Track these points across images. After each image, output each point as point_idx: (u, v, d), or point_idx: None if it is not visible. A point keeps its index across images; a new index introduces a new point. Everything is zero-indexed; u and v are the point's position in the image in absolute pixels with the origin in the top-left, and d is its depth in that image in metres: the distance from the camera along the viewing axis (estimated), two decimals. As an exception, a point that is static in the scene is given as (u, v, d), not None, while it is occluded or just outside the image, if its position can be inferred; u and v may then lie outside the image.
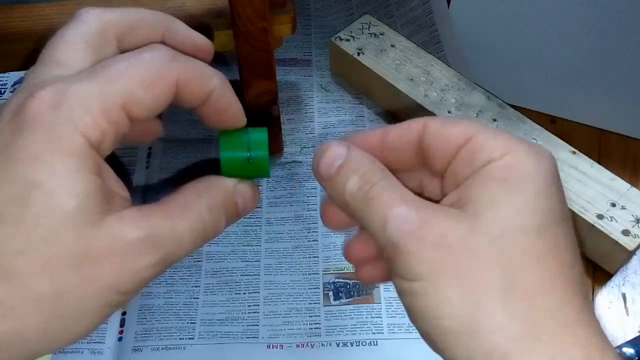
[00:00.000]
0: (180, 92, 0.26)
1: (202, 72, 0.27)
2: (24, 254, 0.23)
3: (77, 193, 0.24)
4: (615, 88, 0.59)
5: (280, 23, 0.46)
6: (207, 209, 0.27)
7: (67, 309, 0.24)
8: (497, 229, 0.24)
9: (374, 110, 0.61)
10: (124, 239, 0.24)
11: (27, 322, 0.24)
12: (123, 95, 0.25)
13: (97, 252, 0.24)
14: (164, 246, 0.25)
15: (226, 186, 0.29)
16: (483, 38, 0.63)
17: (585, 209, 0.49)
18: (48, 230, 0.23)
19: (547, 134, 0.53)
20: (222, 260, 0.52)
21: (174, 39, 0.29)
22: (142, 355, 0.47)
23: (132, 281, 0.25)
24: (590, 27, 0.58)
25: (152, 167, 0.57)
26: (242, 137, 0.29)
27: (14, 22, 0.45)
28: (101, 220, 0.24)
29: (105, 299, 0.25)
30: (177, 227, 0.26)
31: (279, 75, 0.50)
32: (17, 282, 0.23)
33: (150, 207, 0.26)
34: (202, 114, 0.28)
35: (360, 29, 0.60)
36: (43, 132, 0.24)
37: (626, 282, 0.51)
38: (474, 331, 0.23)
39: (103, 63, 0.26)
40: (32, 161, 0.23)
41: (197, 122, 0.29)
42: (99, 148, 0.25)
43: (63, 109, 0.24)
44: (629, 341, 0.48)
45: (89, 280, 0.24)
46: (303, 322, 0.49)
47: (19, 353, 0.24)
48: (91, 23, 0.27)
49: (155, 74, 0.26)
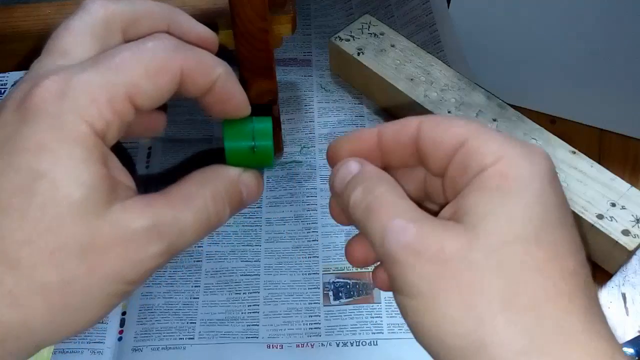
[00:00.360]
0: (184, 81, 0.26)
1: (206, 61, 0.27)
2: (30, 244, 0.23)
3: (82, 182, 0.24)
4: (615, 88, 0.59)
5: (280, 23, 0.46)
6: (211, 198, 0.27)
7: (73, 298, 0.24)
8: (494, 241, 0.23)
9: (374, 110, 0.61)
10: (129, 228, 0.25)
11: (34, 312, 0.24)
12: (127, 85, 0.25)
13: (103, 242, 0.24)
14: (168, 235, 0.26)
15: (230, 175, 0.29)
16: (483, 38, 0.63)
17: (585, 209, 0.49)
18: (54, 220, 0.23)
19: (547, 134, 0.53)
20: (222, 260, 0.52)
21: (179, 30, 0.29)
22: (142, 355, 0.47)
23: (136, 271, 0.25)
24: (591, 27, 0.58)
25: (152, 167, 0.57)
26: (246, 127, 0.29)
27: (14, 22, 0.45)
28: (106, 209, 0.24)
29: (110, 289, 0.25)
30: (181, 216, 0.26)
31: (279, 75, 0.50)
32: (24, 272, 0.23)
33: (154, 196, 0.26)
34: (206, 104, 0.28)
35: (360, 29, 0.60)
36: (48, 122, 0.24)
37: (626, 282, 0.51)
38: (479, 347, 0.23)
39: (107, 52, 0.26)
40: (37, 151, 0.23)
41: (197, 122, 0.29)
42: (104, 137, 0.25)
43: (68, 98, 0.24)
44: (629, 341, 0.48)
45: (95, 269, 0.24)
46: (303, 322, 0.49)
47: (26, 343, 0.24)
48: (97, 13, 0.27)
49: (160, 63, 0.26)
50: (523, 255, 0.23)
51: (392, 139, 0.28)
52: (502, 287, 0.23)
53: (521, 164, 0.24)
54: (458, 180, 0.26)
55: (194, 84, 0.27)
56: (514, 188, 0.24)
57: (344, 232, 0.53)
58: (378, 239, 0.25)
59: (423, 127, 0.27)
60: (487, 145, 0.25)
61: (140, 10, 0.28)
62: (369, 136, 0.29)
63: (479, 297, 0.23)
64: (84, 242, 0.24)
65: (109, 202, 0.24)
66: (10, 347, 0.24)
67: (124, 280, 0.25)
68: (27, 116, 0.24)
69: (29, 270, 0.23)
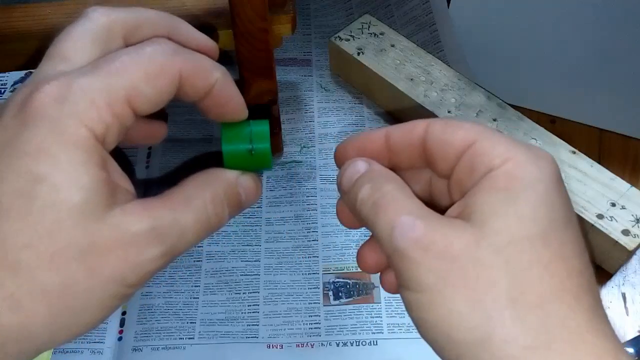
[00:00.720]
0: (183, 85, 0.27)
1: (204, 65, 0.27)
2: (30, 247, 0.23)
3: (82, 186, 0.24)
4: (615, 88, 0.59)
5: (280, 23, 0.46)
6: (210, 201, 0.28)
7: (74, 301, 0.24)
8: (502, 239, 0.24)
9: (374, 110, 0.61)
10: (129, 232, 0.25)
11: (35, 315, 0.24)
12: (127, 89, 0.25)
13: (103, 245, 0.24)
14: (168, 238, 0.26)
15: (229, 178, 0.29)
16: (483, 38, 0.63)
17: (585, 208, 0.49)
18: (54, 223, 0.23)
19: (547, 134, 0.53)
20: (222, 260, 0.52)
21: (179, 38, 0.29)
22: (141, 355, 0.47)
23: (137, 273, 0.25)
24: (590, 27, 0.58)
25: (152, 167, 0.57)
26: (244, 130, 0.30)
27: (14, 22, 0.45)
28: (106, 213, 0.24)
29: (110, 291, 0.25)
30: (181, 219, 0.26)
31: (279, 75, 0.50)
32: (24, 275, 0.23)
33: (154, 200, 0.26)
34: (204, 108, 0.29)
35: (360, 29, 0.60)
36: (48, 126, 0.24)
37: (626, 282, 0.51)
38: (486, 341, 0.23)
39: (106, 57, 0.26)
40: (37, 154, 0.24)
41: (197, 122, 0.29)
42: (104, 141, 0.25)
43: (68, 102, 0.24)
44: (629, 341, 0.48)
45: (95, 272, 0.24)
46: (303, 321, 0.49)
47: (27, 346, 0.25)
48: (98, 21, 0.27)
49: (158, 67, 0.26)
50: (530, 254, 0.24)
51: (400, 141, 0.29)
52: (509, 284, 0.23)
53: (528, 166, 0.25)
54: (465, 181, 0.26)
55: (193, 88, 0.27)
56: (522, 189, 0.24)
57: (344, 232, 0.53)
58: (386, 235, 0.25)
59: (431, 129, 0.28)
60: (494, 148, 0.26)
61: (142, 18, 0.28)
62: (377, 137, 0.29)
63: (486, 293, 0.23)
64: (84, 245, 0.24)
65: (109, 206, 0.25)
66: (10, 351, 0.24)
67: (124, 283, 0.25)
68: (28, 120, 0.24)
69: (30, 273, 0.23)
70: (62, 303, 0.24)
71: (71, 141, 0.24)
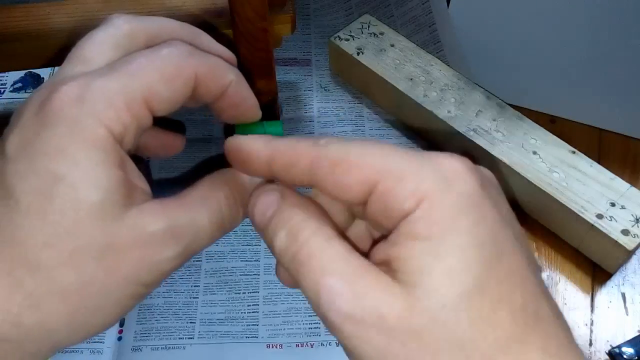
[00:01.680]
0: (198, 86, 0.27)
1: (219, 67, 0.28)
2: (49, 246, 0.24)
3: (100, 186, 0.24)
4: (615, 88, 0.59)
5: (280, 23, 0.46)
6: (225, 201, 0.28)
7: (91, 300, 0.25)
8: (435, 303, 0.22)
9: (374, 110, 0.61)
10: (146, 231, 0.25)
11: (53, 314, 0.24)
12: (144, 90, 0.25)
13: (120, 244, 0.24)
14: (184, 238, 0.26)
15: (242, 178, 0.29)
16: (483, 38, 0.63)
17: (584, 208, 0.49)
18: (72, 223, 0.24)
19: (547, 134, 0.53)
20: (222, 260, 0.52)
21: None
22: (141, 355, 0.47)
23: (153, 273, 0.25)
24: (590, 27, 0.58)
25: (152, 167, 0.57)
26: (258, 130, 0.30)
27: (14, 22, 0.45)
28: (123, 212, 0.25)
29: (127, 291, 0.25)
30: (197, 219, 0.26)
31: (279, 75, 0.50)
32: (43, 274, 0.24)
33: (169, 200, 0.26)
34: (218, 108, 0.29)
35: (359, 29, 0.60)
36: (67, 126, 0.24)
37: (626, 282, 0.51)
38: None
39: (123, 59, 0.26)
40: (56, 154, 0.24)
41: (197, 122, 0.29)
42: (122, 142, 0.25)
43: (87, 103, 0.24)
44: (629, 341, 0.48)
45: (112, 271, 0.24)
46: (302, 321, 0.49)
47: (45, 345, 0.25)
48: (121, 27, 0.28)
49: (174, 69, 0.26)
50: (468, 312, 0.22)
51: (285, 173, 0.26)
52: (450, 351, 0.22)
53: (445, 200, 0.23)
54: (382, 221, 0.24)
55: (207, 89, 0.27)
56: (443, 234, 0.22)
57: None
58: (313, 299, 0.23)
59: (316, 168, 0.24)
60: (401, 187, 0.23)
61: (163, 27, 0.29)
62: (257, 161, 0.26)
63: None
64: (101, 245, 0.24)
65: (126, 206, 0.25)
66: (29, 348, 0.24)
67: (140, 282, 0.25)
68: (47, 120, 0.24)
69: (49, 272, 0.24)
70: (80, 302, 0.24)
71: (90, 141, 0.24)
